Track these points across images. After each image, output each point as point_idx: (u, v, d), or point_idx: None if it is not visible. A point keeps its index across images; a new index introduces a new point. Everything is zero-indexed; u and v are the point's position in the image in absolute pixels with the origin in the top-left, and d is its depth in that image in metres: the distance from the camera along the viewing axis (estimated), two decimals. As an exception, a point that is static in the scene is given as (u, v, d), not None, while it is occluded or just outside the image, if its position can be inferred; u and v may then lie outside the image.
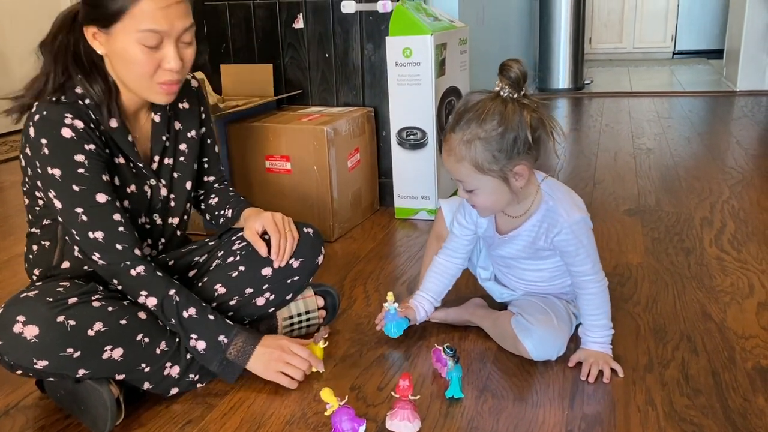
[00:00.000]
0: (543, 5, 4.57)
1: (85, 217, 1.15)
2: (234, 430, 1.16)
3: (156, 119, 1.30)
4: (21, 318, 1.06)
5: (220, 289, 1.32)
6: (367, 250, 1.97)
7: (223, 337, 1.22)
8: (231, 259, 1.36)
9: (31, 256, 1.28)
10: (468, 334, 1.44)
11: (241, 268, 1.34)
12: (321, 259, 1.43)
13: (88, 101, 1.17)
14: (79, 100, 1.17)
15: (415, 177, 2.18)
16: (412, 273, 1.77)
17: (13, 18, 3.86)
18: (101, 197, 1.16)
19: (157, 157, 1.30)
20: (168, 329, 1.22)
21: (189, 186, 1.37)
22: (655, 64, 5.96)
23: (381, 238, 2.07)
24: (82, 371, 1.11)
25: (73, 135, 1.13)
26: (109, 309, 1.14)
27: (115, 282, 1.20)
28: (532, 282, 1.40)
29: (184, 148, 1.36)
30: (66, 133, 1.13)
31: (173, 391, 1.24)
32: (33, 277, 1.29)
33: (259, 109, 2.23)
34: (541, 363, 1.30)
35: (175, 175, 1.34)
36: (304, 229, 1.40)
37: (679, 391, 1.21)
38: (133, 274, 1.18)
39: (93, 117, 1.17)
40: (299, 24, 2.29)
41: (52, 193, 1.15)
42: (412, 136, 2.14)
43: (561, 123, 3.67)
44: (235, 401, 1.24)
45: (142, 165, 1.26)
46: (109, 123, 1.20)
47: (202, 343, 1.21)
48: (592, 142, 3.18)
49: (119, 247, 1.17)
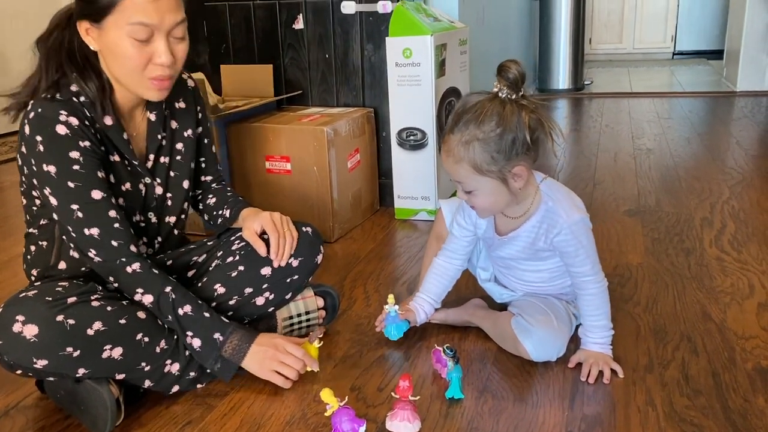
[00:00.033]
0: (543, 6, 4.57)
1: (80, 214, 1.15)
2: (234, 430, 1.16)
3: (152, 118, 1.30)
4: (20, 317, 1.06)
5: (220, 289, 1.32)
6: (367, 251, 1.97)
7: (218, 335, 1.22)
8: (230, 259, 1.36)
9: (29, 256, 1.28)
10: (468, 334, 1.44)
11: (241, 268, 1.34)
12: (320, 258, 1.43)
13: (83, 98, 1.17)
14: (73, 98, 1.17)
15: (415, 177, 2.18)
16: (412, 273, 1.77)
17: (13, 18, 3.87)
18: (96, 194, 1.16)
19: (152, 156, 1.30)
20: (167, 327, 1.22)
21: (186, 185, 1.37)
22: (655, 64, 5.97)
23: (381, 238, 2.07)
24: (81, 370, 1.11)
25: (67, 132, 1.14)
26: (109, 308, 1.14)
27: (112, 279, 1.20)
28: (531, 283, 1.40)
29: (180, 147, 1.36)
30: (61, 130, 1.13)
31: (174, 389, 1.24)
32: (31, 278, 1.29)
33: (259, 110, 2.23)
34: (541, 364, 1.30)
35: (171, 174, 1.34)
36: (303, 228, 1.40)
37: (679, 392, 1.21)
38: (129, 271, 1.18)
39: (88, 114, 1.17)
40: (299, 24, 2.28)
41: (47, 190, 1.15)
42: (412, 137, 2.14)
43: (561, 123, 3.70)
44: (235, 402, 1.24)
45: (137, 163, 1.26)
46: (104, 120, 1.20)
47: (197, 341, 1.21)
48: (592, 143, 3.18)
49: (115, 243, 1.17)
